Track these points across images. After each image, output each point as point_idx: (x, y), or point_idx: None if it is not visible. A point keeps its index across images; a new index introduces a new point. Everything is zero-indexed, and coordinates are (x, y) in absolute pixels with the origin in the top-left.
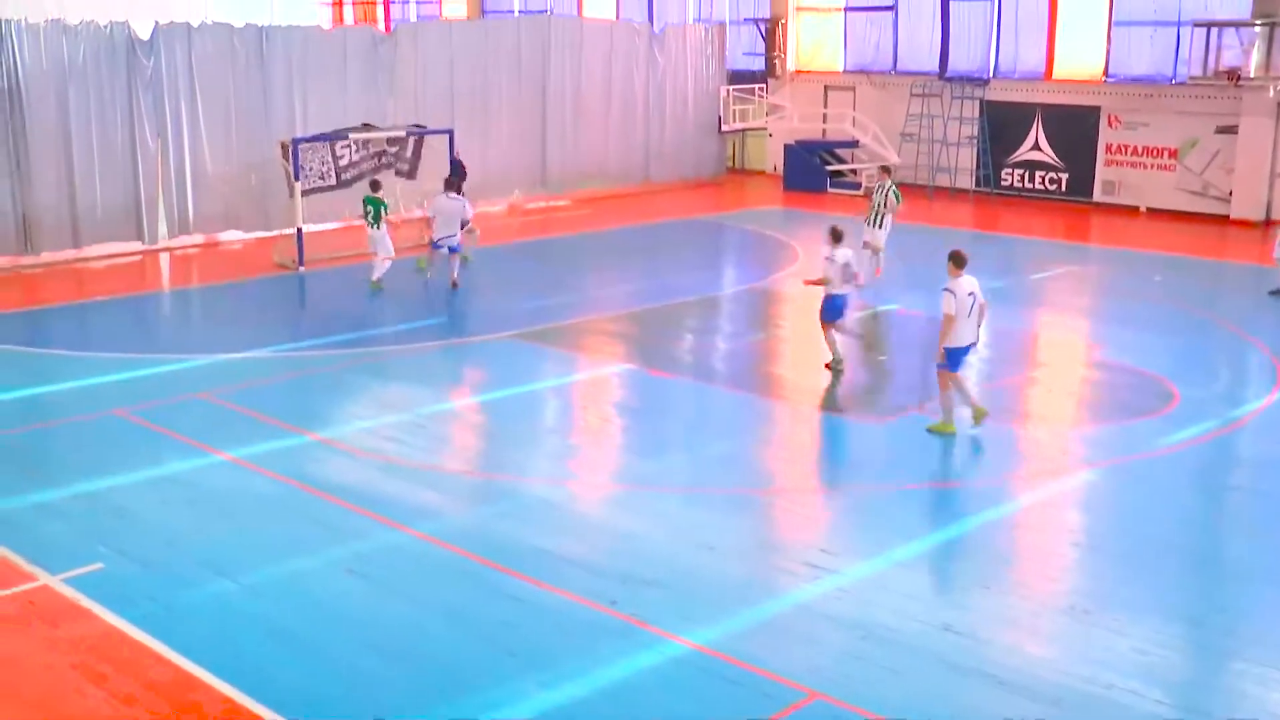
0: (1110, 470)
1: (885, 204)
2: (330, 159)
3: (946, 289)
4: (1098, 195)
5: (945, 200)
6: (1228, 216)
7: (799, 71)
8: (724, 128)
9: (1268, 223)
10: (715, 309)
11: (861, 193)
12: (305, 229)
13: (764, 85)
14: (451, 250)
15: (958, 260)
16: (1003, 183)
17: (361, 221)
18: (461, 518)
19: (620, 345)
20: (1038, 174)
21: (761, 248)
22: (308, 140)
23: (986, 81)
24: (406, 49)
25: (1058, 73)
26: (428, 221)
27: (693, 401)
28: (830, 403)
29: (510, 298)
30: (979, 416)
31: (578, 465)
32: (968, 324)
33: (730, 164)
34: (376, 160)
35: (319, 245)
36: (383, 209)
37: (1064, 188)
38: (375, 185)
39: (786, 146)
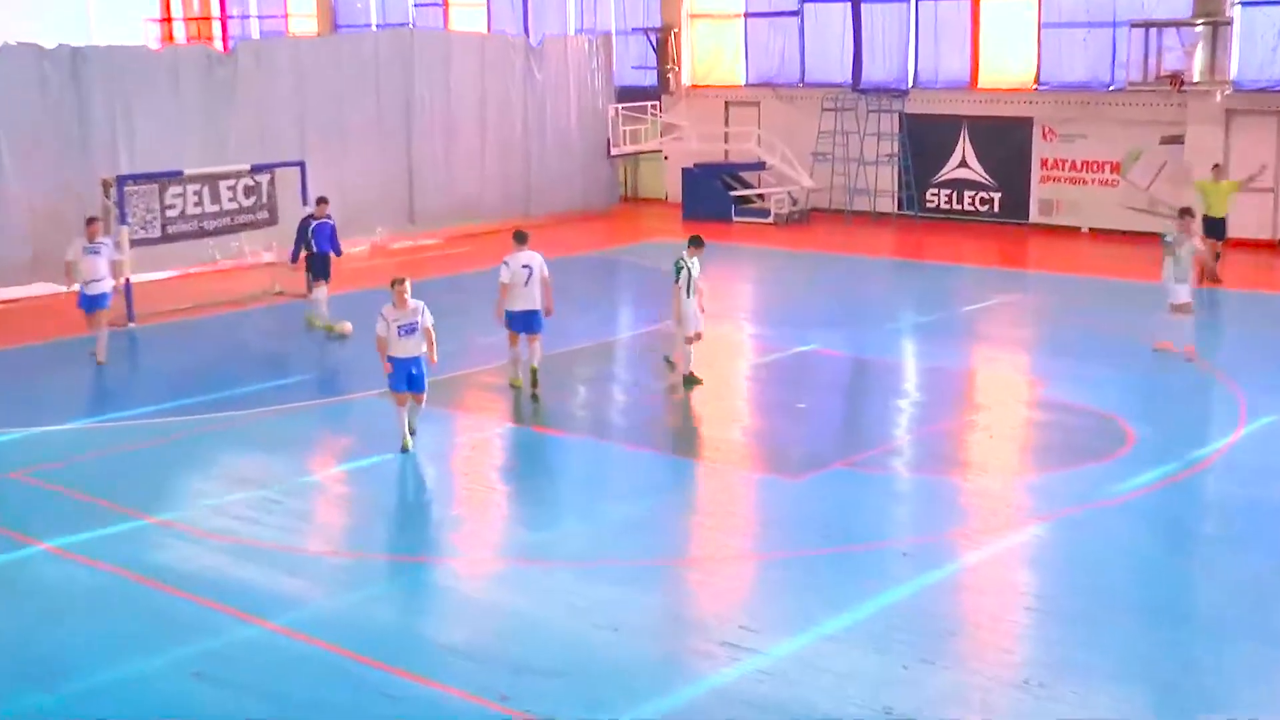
0: (1061, 522)
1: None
2: (158, 207)
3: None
4: (1034, 216)
5: (865, 226)
6: None
7: (696, 86)
8: (614, 151)
9: (1223, 241)
10: (610, 356)
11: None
12: (135, 279)
13: (657, 103)
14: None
15: (519, 237)
16: (928, 204)
17: (203, 268)
18: (326, 606)
19: (503, 400)
20: (966, 194)
21: (660, 285)
22: (135, 180)
23: (905, 93)
24: (249, 70)
25: (984, 81)
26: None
27: (588, 462)
28: (737, 457)
29: (351, 345)
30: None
31: (459, 539)
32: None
33: (623, 192)
34: (229, 220)
35: (151, 297)
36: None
37: (997, 208)
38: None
39: (685, 171)
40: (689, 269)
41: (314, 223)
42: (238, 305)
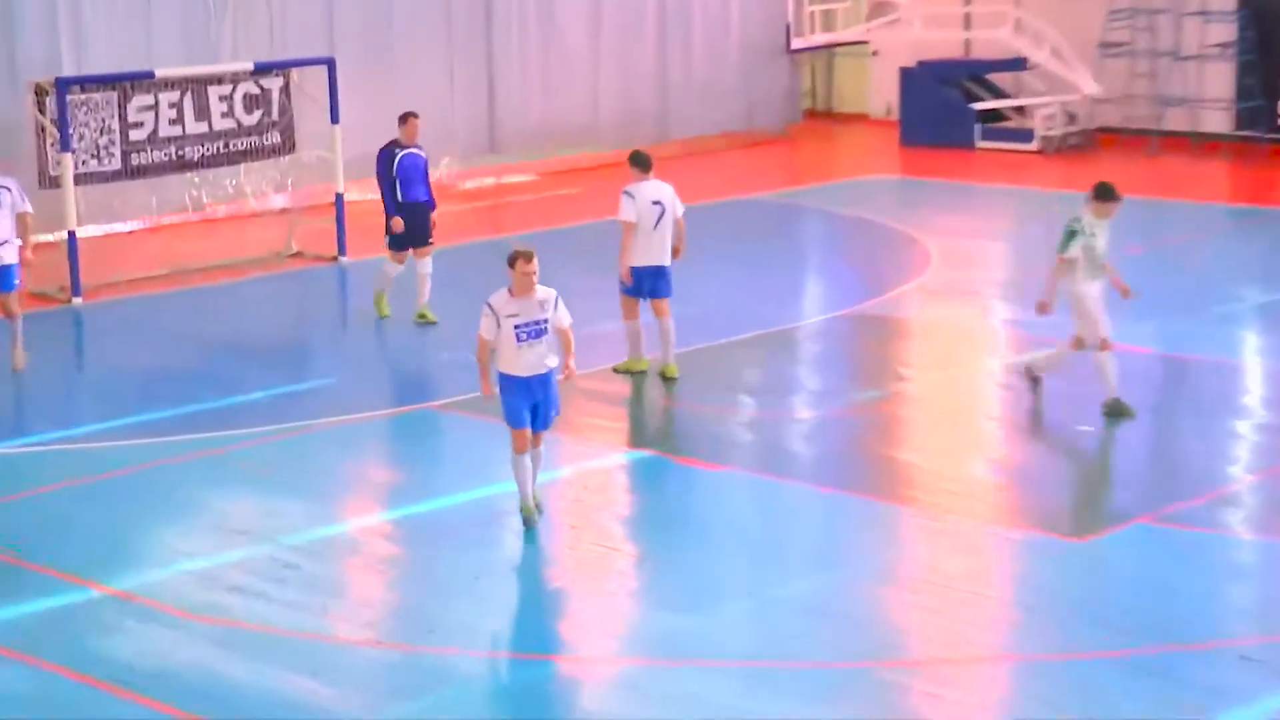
0: None
1: None
2: (117, 126)
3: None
4: None
5: (1181, 154)
6: None
7: None
8: (795, 44)
9: None
10: (790, 351)
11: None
12: (82, 233)
13: None
14: None
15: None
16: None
17: (182, 216)
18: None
19: (628, 417)
20: None
21: (868, 247)
22: (82, 86)
23: None
24: None
25: None
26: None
27: (754, 509)
28: (986, 509)
29: (436, 341)
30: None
31: (565, 626)
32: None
33: (809, 105)
34: (223, 146)
35: (106, 260)
36: None
37: None
38: None
39: (904, 72)
40: (1088, 235)
41: (400, 152)
42: (233, 273)
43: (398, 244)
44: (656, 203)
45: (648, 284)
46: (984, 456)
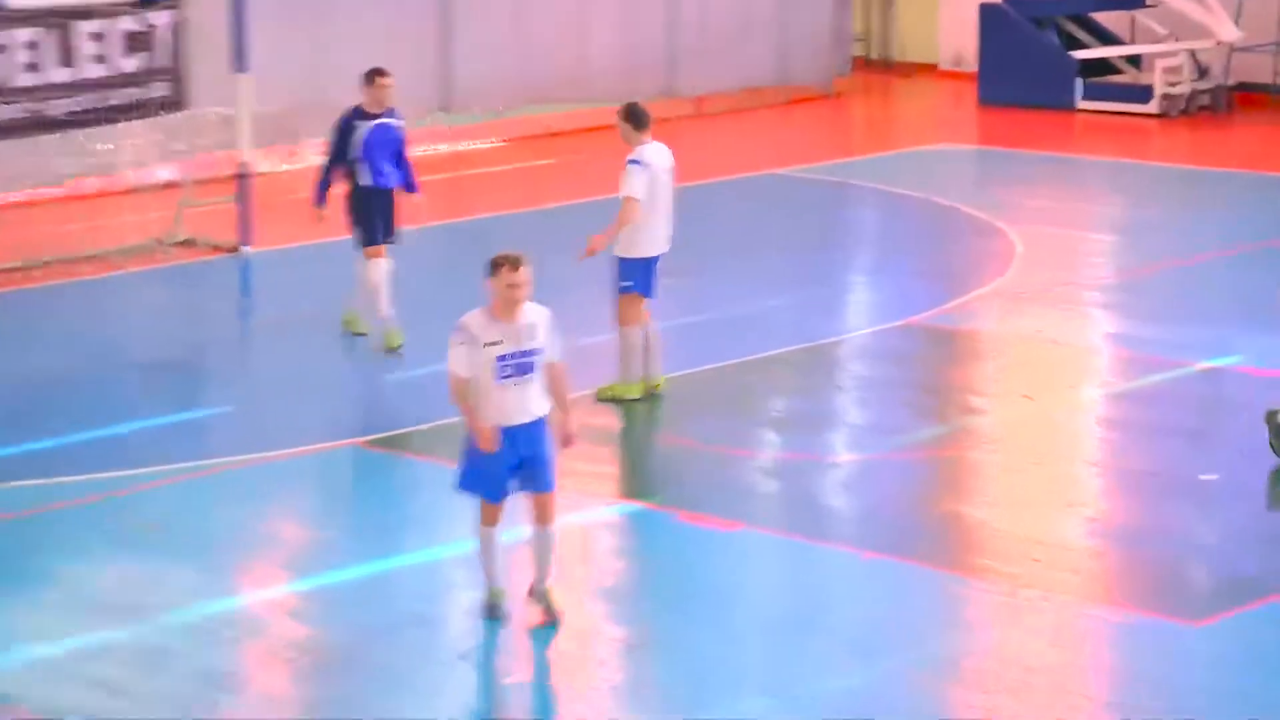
0: None
1: None
2: None
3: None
4: None
5: None
6: None
7: None
8: None
9: None
10: (829, 374)
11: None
12: None
13: None
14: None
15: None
16: None
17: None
18: None
19: (616, 456)
20: None
21: (934, 238)
22: None
23: None
24: None
25: None
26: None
27: (777, 579)
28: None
29: (367, 358)
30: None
31: None
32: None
33: (863, 54)
34: (94, 100)
35: None
36: None
37: None
38: None
39: (985, 10)
40: None
41: (366, 124)
42: (103, 266)
43: (367, 234)
44: (668, 170)
45: (654, 279)
46: (1077, 514)
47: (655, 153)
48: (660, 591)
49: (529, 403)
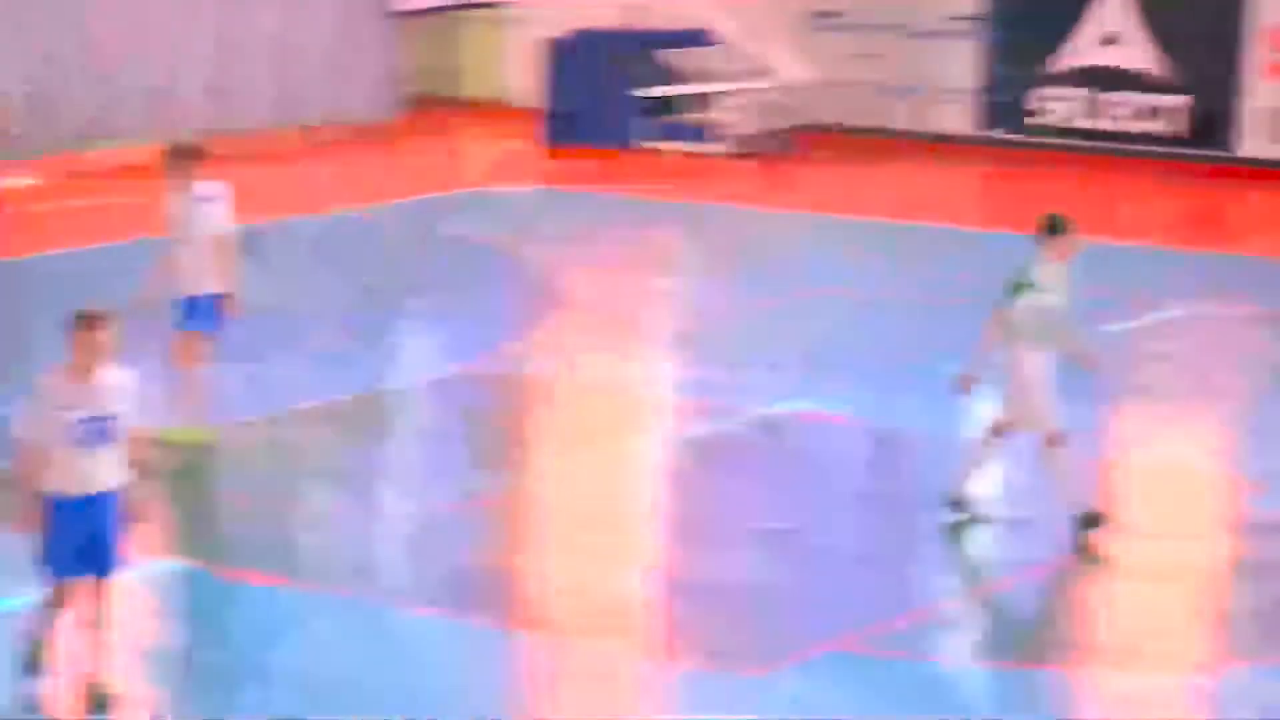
0: None
1: None
2: None
3: None
4: (1248, 145)
5: (910, 159)
6: None
7: None
8: (400, 3)
9: None
10: (385, 422)
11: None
12: None
13: None
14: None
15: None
16: (1035, 119)
17: None
18: None
19: (162, 510)
20: (1116, 99)
21: (490, 280)
22: None
23: None
24: None
25: None
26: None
27: (309, 637)
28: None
29: None
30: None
31: None
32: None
33: (424, 89)
34: None
35: None
36: None
37: (1180, 128)
38: None
39: (556, 45)
40: (1038, 290)
41: None
42: None
43: None
44: (209, 199)
45: (203, 314)
46: (635, 565)
47: (193, 184)
48: (197, 653)
49: (103, 474)
